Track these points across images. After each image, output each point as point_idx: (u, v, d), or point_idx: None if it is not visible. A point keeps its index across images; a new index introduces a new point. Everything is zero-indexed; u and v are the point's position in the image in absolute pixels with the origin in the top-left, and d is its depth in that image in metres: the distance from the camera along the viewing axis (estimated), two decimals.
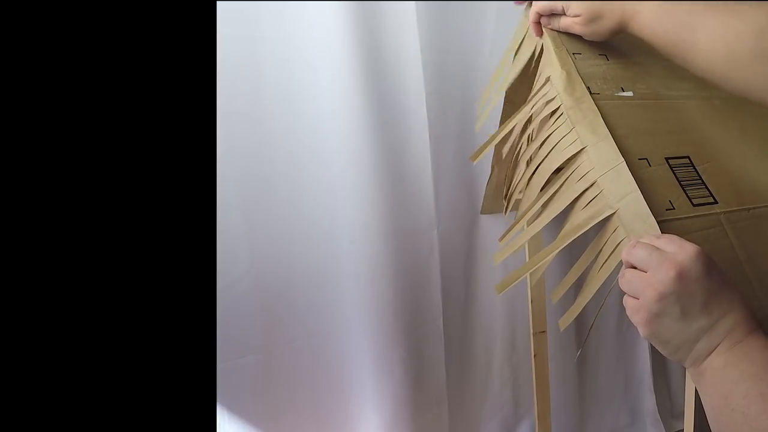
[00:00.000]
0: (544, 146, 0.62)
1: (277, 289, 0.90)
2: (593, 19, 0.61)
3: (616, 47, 0.67)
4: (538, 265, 0.58)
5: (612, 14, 0.60)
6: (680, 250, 0.41)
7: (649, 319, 0.41)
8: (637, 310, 0.42)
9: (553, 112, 0.61)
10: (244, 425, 0.90)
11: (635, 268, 0.43)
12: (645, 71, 0.66)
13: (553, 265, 0.59)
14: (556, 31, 0.66)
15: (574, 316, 0.55)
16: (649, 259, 0.42)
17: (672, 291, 0.40)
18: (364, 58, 0.87)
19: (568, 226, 0.56)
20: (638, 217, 0.49)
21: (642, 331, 0.43)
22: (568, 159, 0.58)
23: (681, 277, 0.40)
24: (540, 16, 0.66)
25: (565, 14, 0.63)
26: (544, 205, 0.60)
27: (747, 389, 0.38)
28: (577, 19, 0.62)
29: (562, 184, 0.58)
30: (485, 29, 0.97)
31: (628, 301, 0.43)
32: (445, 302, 1.02)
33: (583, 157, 0.56)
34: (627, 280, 0.43)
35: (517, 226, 0.65)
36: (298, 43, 0.85)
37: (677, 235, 0.44)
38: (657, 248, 0.42)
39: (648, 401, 1.26)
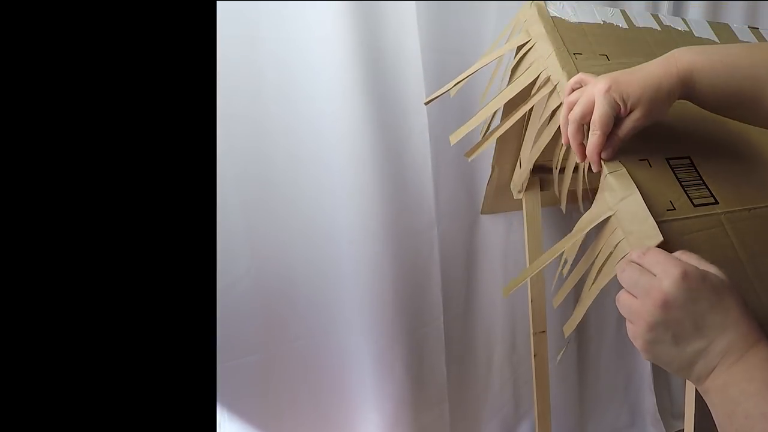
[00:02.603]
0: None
1: (278, 289, 0.90)
2: (655, 95, 0.49)
3: (616, 47, 0.67)
4: (540, 268, 0.58)
5: (669, 78, 0.50)
6: (665, 276, 0.40)
7: (646, 347, 0.42)
8: (634, 338, 0.43)
9: (554, 113, 0.61)
10: (244, 425, 0.90)
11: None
12: None
13: (553, 265, 0.59)
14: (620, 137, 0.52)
15: (578, 322, 0.55)
16: (636, 287, 0.42)
17: (660, 321, 0.40)
18: (364, 58, 0.87)
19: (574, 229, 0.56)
20: (636, 218, 0.49)
21: (643, 356, 0.43)
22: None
23: (666, 306, 0.40)
24: (603, 135, 0.51)
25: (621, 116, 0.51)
26: None
27: (748, 409, 0.38)
28: (637, 115, 0.50)
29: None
30: (485, 29, 0.97)
31: (628, 326, 0.44)
32: (445, 302, 1.02)
33: None
34: (622, 304, 0.44)
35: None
36: (298, 44, 0.85)
37: (678, 234, 0.44)
38: (644, 271, 0.42)
39: (648, 401, 1.26)
